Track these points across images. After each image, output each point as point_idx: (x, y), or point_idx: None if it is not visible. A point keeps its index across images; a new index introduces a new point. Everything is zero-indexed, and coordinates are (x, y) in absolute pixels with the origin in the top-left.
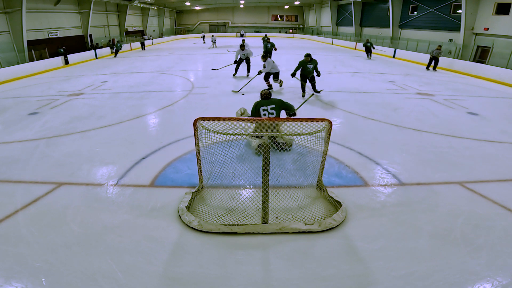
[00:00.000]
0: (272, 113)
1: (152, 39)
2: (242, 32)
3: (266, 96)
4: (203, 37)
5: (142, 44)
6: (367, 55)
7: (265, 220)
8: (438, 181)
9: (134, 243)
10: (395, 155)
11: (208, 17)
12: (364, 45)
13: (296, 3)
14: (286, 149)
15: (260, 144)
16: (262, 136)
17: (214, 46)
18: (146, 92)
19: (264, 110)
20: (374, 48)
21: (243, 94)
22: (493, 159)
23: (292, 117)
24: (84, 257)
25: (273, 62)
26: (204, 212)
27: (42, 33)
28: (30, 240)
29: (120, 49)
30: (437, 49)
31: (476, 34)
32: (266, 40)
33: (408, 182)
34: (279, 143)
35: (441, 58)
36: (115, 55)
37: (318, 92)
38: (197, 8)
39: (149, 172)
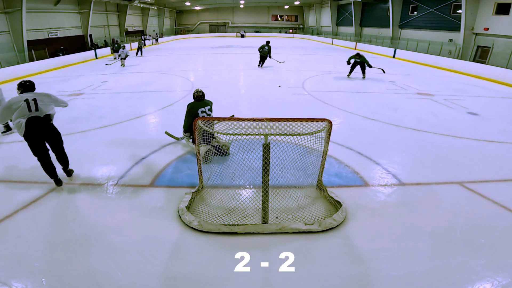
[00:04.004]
0: (209, 114)
1: (157, 39)
2: (242, 32)
3: (200, 98)
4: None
5: (140, 48)
6: (351, 72)
7: (265, 220)
8: (438, 181)
9: (134, 243)
10: (395, 155)
11: (208, 17)
12: (348, 62)
13: (296, 3)
14: (224, 153)
15: (206, 151)
16: (209, 143)
17: (122, 64)
18: (146, 92)
19: (202, 112)
20: (370, 66)
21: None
22: (493, 159)
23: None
24: (84, 257)
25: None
26: (204, 212)
27: (42, 33)
28: (30, 240)
29: (144, 46)
30: None
31: (476, 34)
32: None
33: (408, 182)
34: (217, 147)
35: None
36: (141, 54)
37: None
38: (197, 8)
39: (149, 172)
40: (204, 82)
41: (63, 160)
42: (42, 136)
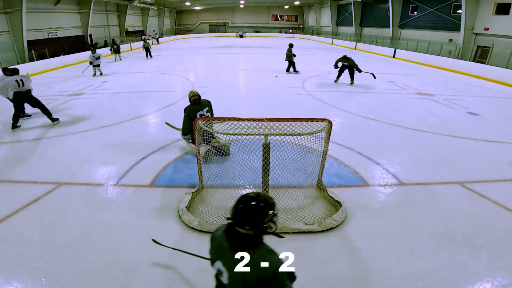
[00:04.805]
0: (208, 115)
1: (157, 38)
2: (241, 33)
3: (197, 101)
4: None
5: (148, 50)
6: (339, 76)
7: None
8: (438, 181)
9: (134, 243)
10: (395, 155)
11: (208, 17)
12: (336, 65)
13: (296, 3)
14: (224, 153)
15: (206, 151)
16: (209, 143)
17: (94, 72)
18: (146, 92)
19: (201, 115)
20: (360, 70)
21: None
22: (493, 159)
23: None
24: (84, 257)
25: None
26: (204, 212)
27: (42, 33)
28: (30, 240)
29: (148, 46)
30: None
31: (476, 34)
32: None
33: (408, 182)
34: (217, 147)
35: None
36: (150, 56)
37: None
38: (197, 8)
39: (149, 172)
40: (204, 82)
41: (46, 111)
42: (26, 101)
